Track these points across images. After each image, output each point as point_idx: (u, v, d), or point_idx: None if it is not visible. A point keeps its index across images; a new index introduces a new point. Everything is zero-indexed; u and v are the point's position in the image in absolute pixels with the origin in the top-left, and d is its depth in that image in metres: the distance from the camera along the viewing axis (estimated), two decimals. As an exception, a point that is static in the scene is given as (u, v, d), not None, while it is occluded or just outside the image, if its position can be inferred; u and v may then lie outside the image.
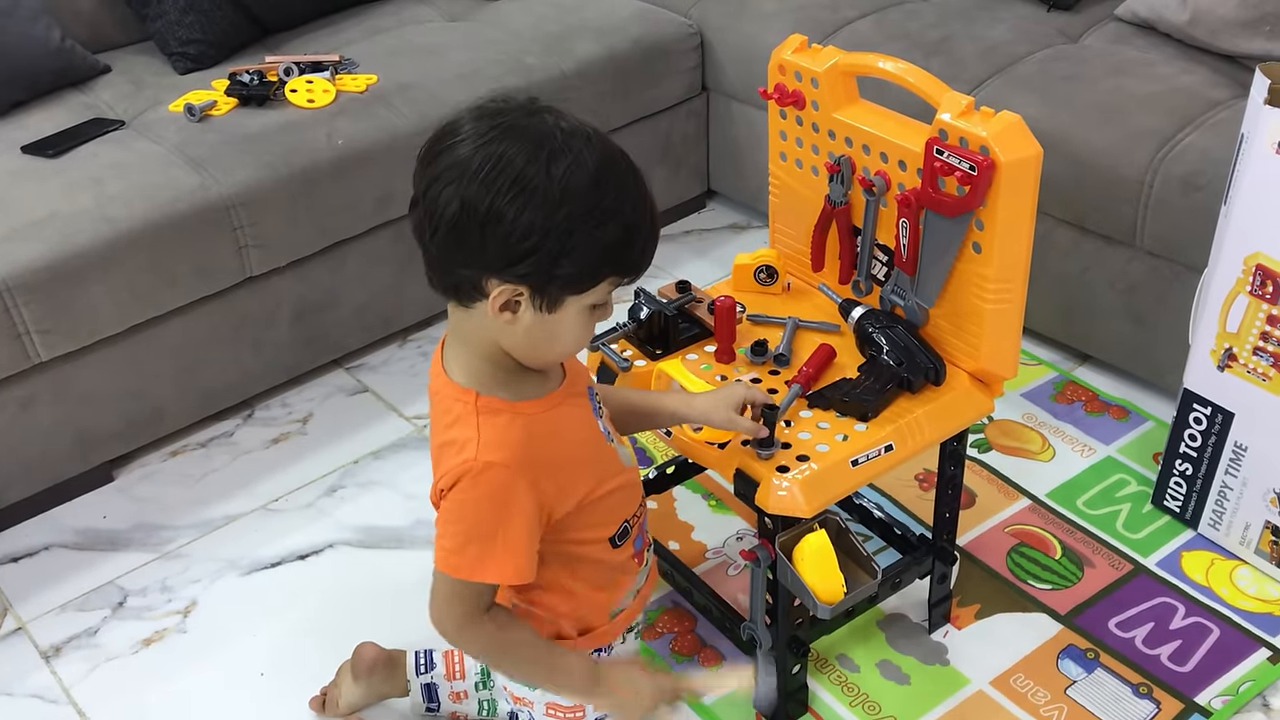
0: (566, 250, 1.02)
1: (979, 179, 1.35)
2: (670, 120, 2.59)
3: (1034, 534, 1.87)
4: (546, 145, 1.00)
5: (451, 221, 1.02)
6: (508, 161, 0.99)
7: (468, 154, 1.01)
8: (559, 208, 1.00)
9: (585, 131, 1.03)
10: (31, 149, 2.04)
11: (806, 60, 1.53)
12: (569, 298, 1.06)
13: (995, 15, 2.38)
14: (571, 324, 1.09)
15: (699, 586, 1.68)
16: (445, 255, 1.05)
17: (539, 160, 0.99)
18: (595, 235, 1.02)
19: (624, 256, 1.06)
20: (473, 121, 1.03)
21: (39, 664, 1.75)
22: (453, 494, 1.12)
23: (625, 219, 1.04)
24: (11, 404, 1.88)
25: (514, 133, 1.01)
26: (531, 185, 0.99)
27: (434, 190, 1.02)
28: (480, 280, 1.05)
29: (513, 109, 1.04)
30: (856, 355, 1.54)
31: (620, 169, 1.04)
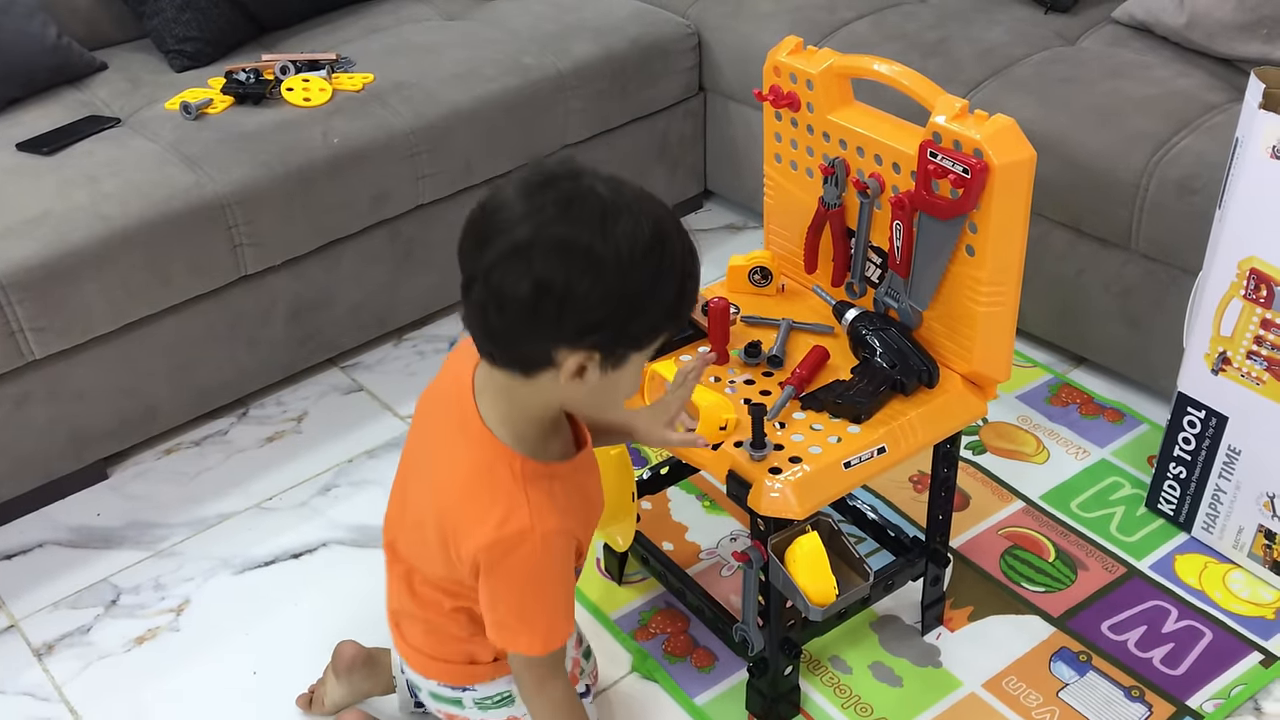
0: (636, 314, 1.05)
1: (972, 182, 1.35)
2: (668, 120, 2.59)
3: (1027, 536, 1.87)
4: (606, 217, 1.01)
5: (523, 303, 1.02)
6: (573, 240, 1.00)
7: (529, 235, 1.00)
8: (629, 276, 1.02)
9: (632, 192, 1.05)
10: (26, 146, 2.03)
11: (801, 62, 1.53)
12: (633, 354, 1.10)
13: (992, 17, 2.38)
14: (632, 377, 1.13)
15: (692, 588, 1.68)
16: (513, 335, 1.06)
17: (601, 233, 1.01)
18: (661, 294, 1.06)
19: (681, 312, 1.10)
20: (522, 200, 1.02)
21: (31, 662, 1.75)
22: (514, 563, 1.16)
23: (683, 279, 1.07)
24: (5, 402, 1.88)
25: (570, 208, 1.01)
26: (599, 259, 1.01)
27: (497, 275, 1.02)
28: (550, 352, 1.06)
29: (558, 178, 1.04)
30: (850, 357, 1.54)
31: (670, 224, 1.06)
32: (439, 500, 1.21)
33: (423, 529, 1.24)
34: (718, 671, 1.67)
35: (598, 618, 1.77)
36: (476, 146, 2.26)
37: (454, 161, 2.24)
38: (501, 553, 1.15)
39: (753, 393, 1.50)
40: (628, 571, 1.83)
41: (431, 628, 1.33)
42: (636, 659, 1.70)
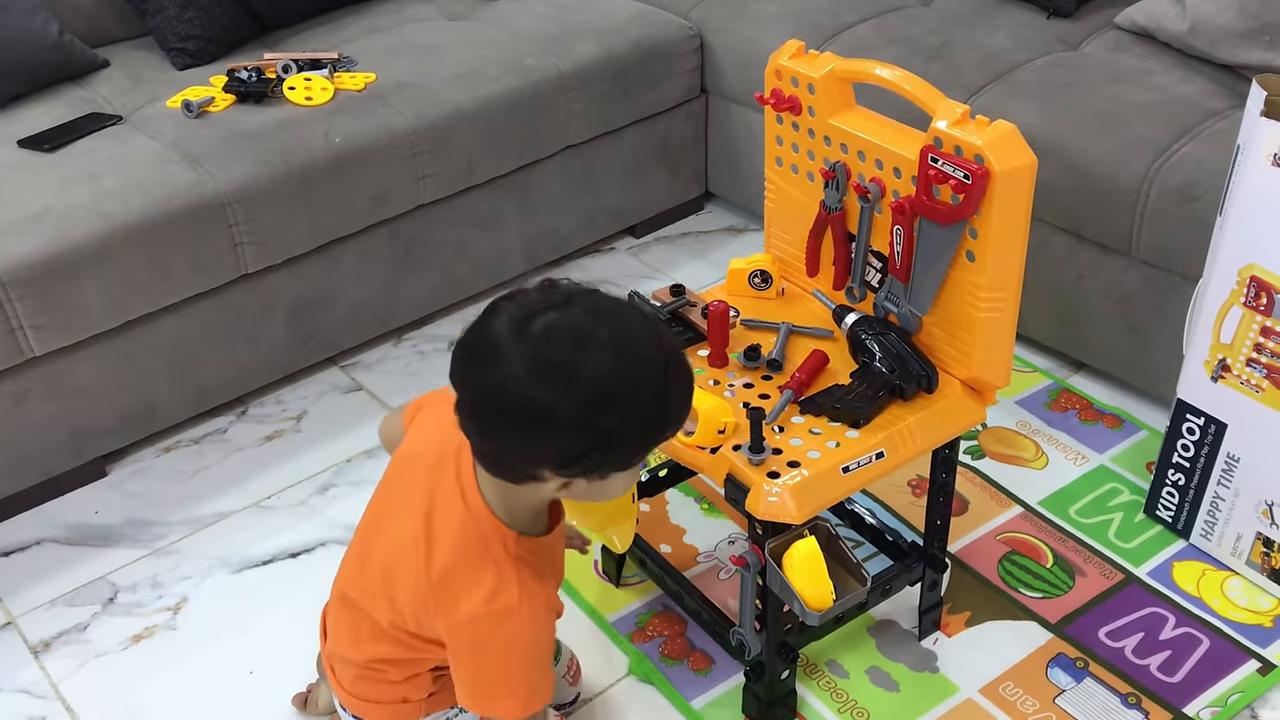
0: (614, 446, 1.09)
1: (973, 188, 1.35)
2: (669, 122, 2.59)
3: (1026, 542, 1.87)
4: (583, 357, 1.04)
5: (500, 428, 1.09)
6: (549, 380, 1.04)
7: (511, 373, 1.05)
8: (603, 413, 1.05)
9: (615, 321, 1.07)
10: (28, 143, 2.03)
11: (803, 66, 1.53)
12: (619, 473, 1.14)
13: (995, 22, 2.37)
14: (625, 480, 1.17)
15: (689, 590, 1.68)
16: (497, 450, 1.12)
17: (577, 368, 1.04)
18: (635, 430, 1.09)
19: (661, 434, 1.13)
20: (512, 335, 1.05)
21: (28, 659, 1.75)
22: (501, 638, 1.19)
23: (660, 406, 1.10)
24: (4, 398, 1.88)
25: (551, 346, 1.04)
26: (576, 395, 1.04)
27: (481, 408, 1.09)
28: (538, 473, 1.12)
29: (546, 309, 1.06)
30: (849, 361, 1.54)
31: (650, 362, 1.08)
32: (435, 562, 1.21)
33: (389, 582, 1.26)
34: (715, 675, 1.67)
35: (595, 620, 1.77)
36: (478, 147, 2.26)
37: (455, 162, 2.24)
38: (489, 626, 1.19)
39: (751, 396, 1.50)
40: (625, 573, 1.83)
41: (366, 673, 1.35)
42: (633, 661, 1.70)
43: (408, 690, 1.35)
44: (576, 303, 1.08)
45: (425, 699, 1.37)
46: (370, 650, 1.32)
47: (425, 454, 1.26)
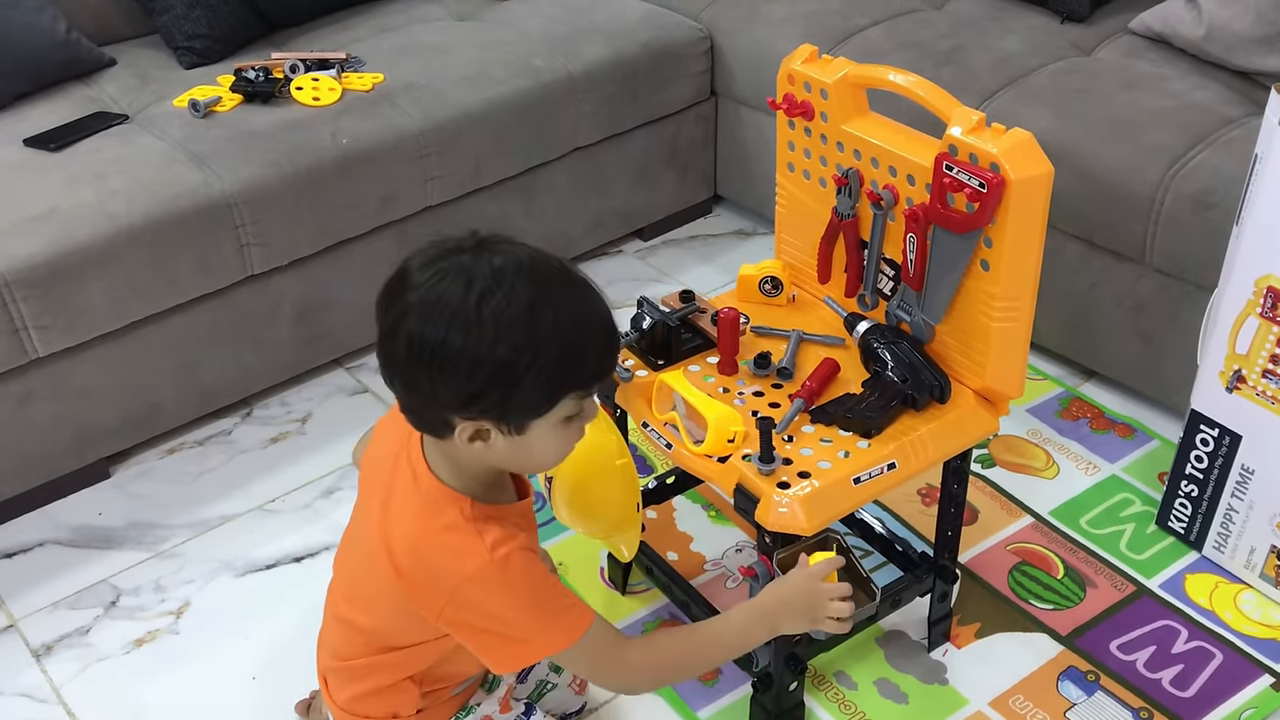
0: (514, 383, 1.06)
1: (988, 196, 1.33)
2: (678, 124, 2.58)
3: (1036, 552, 1.85)
4: (476, 284, 1.04)
5: (404, 369, 1.08)
6: (443, 306, 1.04)
7: (410, 300, 1.05)
8: (496, 345, 1.04)
9: (520, 261, 1.06)
10: (33, 142, 2.02)
11: (816, 71, 1.52)
12: (533, 421, 1.10)
13: (1007, 26, 2.36)
14: (546, 440, 1.13)
15: (696, 600, 1.66)
16: (408, 399, 1.11)
17: (470, 302, 1.03)
18: (538, 365, 1.06)
19: (574, 378, 1.10)
20: (418, 266, 1.07)
21: (29, 662, 1.74)
22: (482, 594, 1.15)
23: (567, 343, 1.07)
24: (9, 399, 1.87)
25: (449, 276, 1.05)
26: (465, 327, 1.03)
27: (388, 339, 1.08)
28: (446, 418, 1.10)
29: (452, 247, 1.08)
30: (861, 370, 1.52)
31: (554, 295, 1.07)
32: (395, 547, 1.19)
33: (375, 580, 1.23)
34: (721, 685, 1.66)
35: (601, 628, 1.75)
36: (486, 149, 2.24)
37: (463, 164, 2.22)
38: (475, 593, 1.15)
39: (761, 404, 1.49)
40: (631, 581, 1.81)
41: (354, 677, 1.32)
42: None
43: (396, 703, 1.33)
44: (489, 246, 1.07)
45: (416, 715, 1.34)
46: (357, 657, 1.30)
47: (385, 455, 1.24)
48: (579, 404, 1.13)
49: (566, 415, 1.12)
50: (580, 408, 1.14)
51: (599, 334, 1.11)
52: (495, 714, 1.40)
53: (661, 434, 1.47)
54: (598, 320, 1.11)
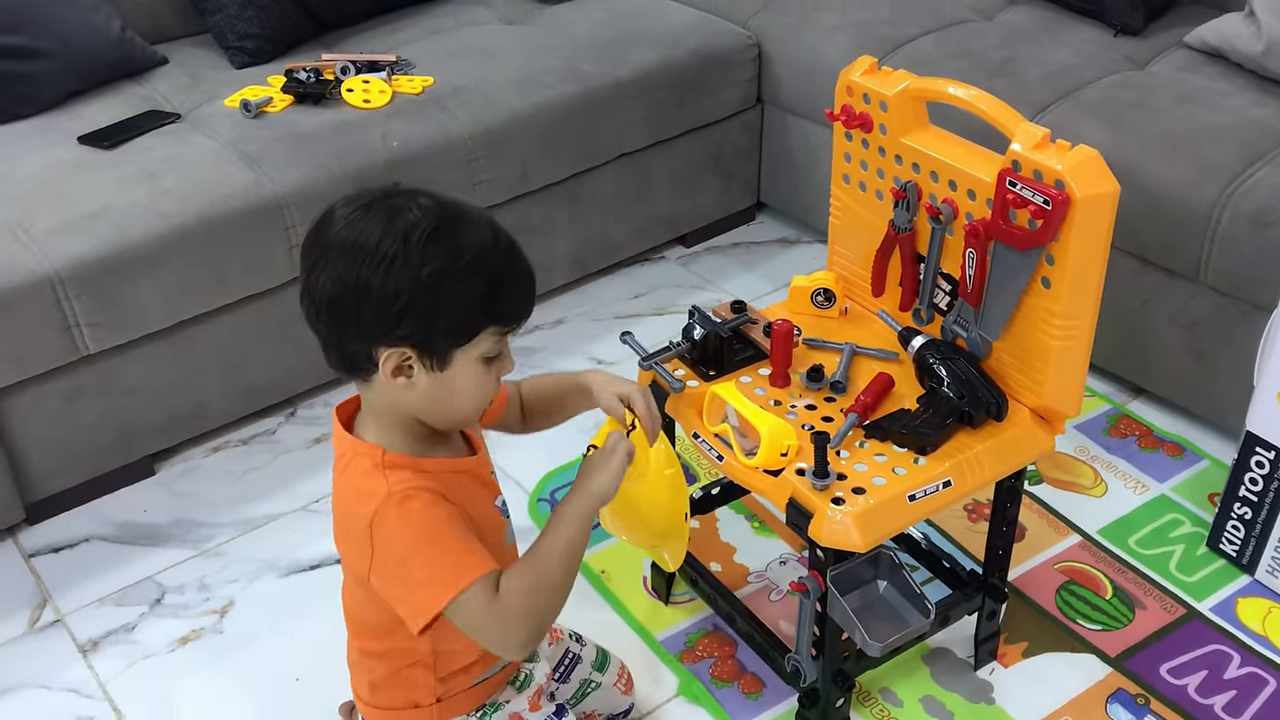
0: (437, 305, 1.08)
1: (1052, 213, 1.31)
2: (724, 131, 2.57)
3: (1084, 572, 1.83)
4: (400, 217, 1.08)
5: (329, 301, 1.09)
6: (367, 236, 1.07)
7: (334, 237, 1.09)
8: (420, 268, 1.06)
9: (439, 201, 1.11)
10: (87, 140, 2.04)
11: (876, 83, 1.50)
12: (455, 352, 1.12)
13: (1060, 38, 2.33)
14: (468, 378, 1.14)
15: (741, 612, 1.65)
16: (332, 334, 1.12)
17: (394, 231, 1.07)
18: (461, 288, 1.08)
19: (496, 307, 1.12)
20: (341, 208, 1.10)
21: (76, 658, 1.75)
22: (384, 535, 1.13)
23: (489, 271, 1.10)
24: (58, 395, 1.88)
25: (371, 211, 1.09)
26: (390, 253, 1.06)
27: (312, 276, 1.10)
28: (370, 351, 1.10)
29: (374, 193, 1.11)
30: (915, 386, 1.51)
31: (475, 227, 1.11)
32: (333, 516, 1.21)
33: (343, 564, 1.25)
34: (766, 699, 1.65)
35: (644, 637, 1.74)
36: (533, 153, 2.24)
37: (510, 168, 2.22)
38: (372, 523, 1.12)
39: (814, 418, 1.48)
40: (675, 591, 1.80)
41: (366, 667, 1.31)
42: (683, 682, 1.68)
43: (412, 693, 1.30)
44: (413, 193, 1.11)
45: (435, 705, 1.31)
46: (364, 645, 1.30)
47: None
48: (499, 344, 1.14)
49: (487, 354, 1.13)
50: (500, 349, 1.15)
51: (517, 269, 1.13)
52: (524, 712, 1.38)
53: (713, 445, 1.47)
54: (515, 255, 1.13)
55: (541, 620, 1.16)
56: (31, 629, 1.80)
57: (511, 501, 1.98)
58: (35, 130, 2.08)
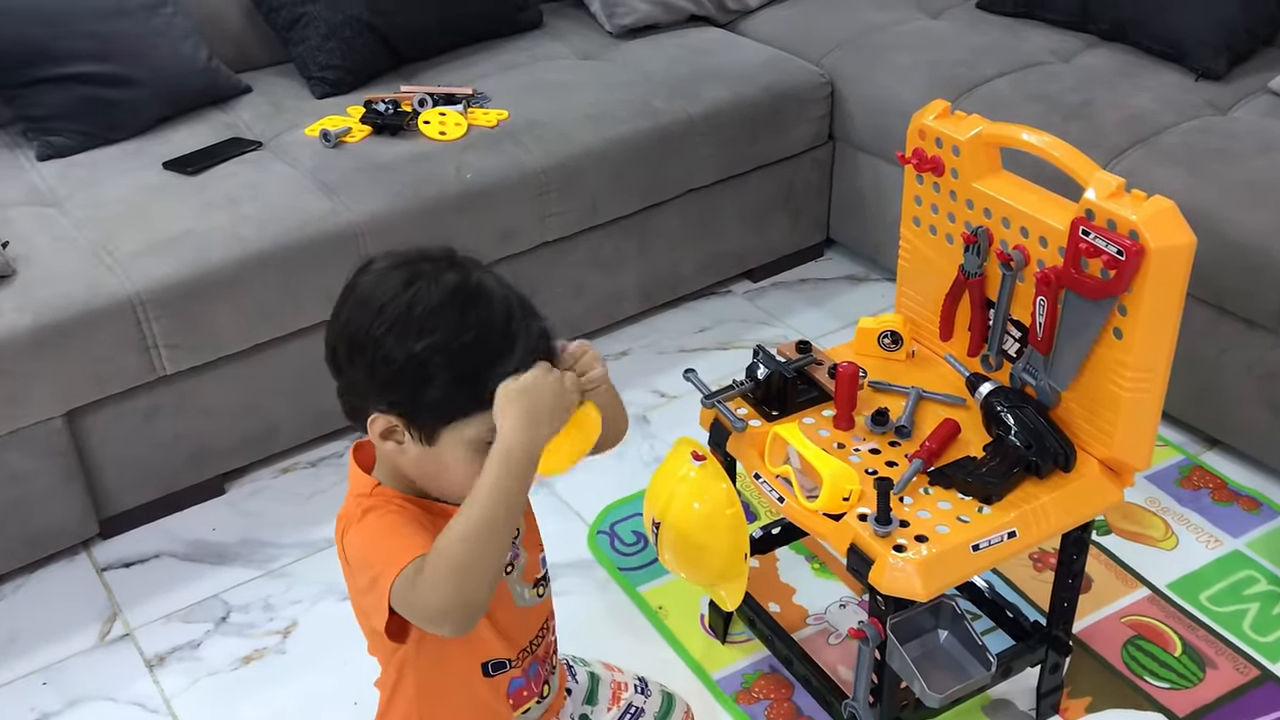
0: (426, 380, 1.03)
1: (1126, 264, 1.30)
2: (794, 168, 2.57)
3: (1152, 627, 1.79)
4: (416, 284, 1.05)
5: (331, 347, 1.09)
6: (379, 295, 1.05)
7: (358, 285, 1.08)
8: (416, 340, 1.03)
9: (467, 274, 1.07)
10: (172, 165, 2.09)
11: (949, 127, 1.50)
12: (443, 430, 1.06)
13: (1139, 82, 2.30)
14: (457, 460, 1.08)
15: (799, 656, 1.64)
16: (339, 382, 1.11)
17: (404, 297, 1.04)
18: (455, 366, 1.04)
19: (482, 389, 1.04)
20: (380, 259, 1.10)
21: (143, 672, 1.78)
22: (350, 551, 1.12)
23: (487, 355, 1.04)
24: (135, 414, 1.93)
25: (397, 271, 1.07)
26: (392, 318, 1.03)
27: (332, 317, 1.10)
28: (364, 407, 1.08)
29: (414, 253, 1.10)
30: (982, 433, 1.49)
31: (488, 308, 1.05)
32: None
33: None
34: (822, 744, 1.63)
35: (700, 676, 1.74)
36: (604, 187, 2.26)
37: (581, 201, 2.24)
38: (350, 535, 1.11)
39: (878, 463, 1.47)
40: (733, 631, 1.80)
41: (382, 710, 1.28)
42: None
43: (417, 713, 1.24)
44: (454, 262, 1.09)
45: None
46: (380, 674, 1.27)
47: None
48: (492, 431, 1.06)
49: (481, 438, 1.06)
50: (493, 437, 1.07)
51: (520, 362, 1.05)
52: None
53: (774, 486, 1.46)
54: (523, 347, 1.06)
55: (467, 576, 1.03)
56: (101, 642, 1.84)
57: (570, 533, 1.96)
58: (124, 155, 2.15)
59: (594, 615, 1.84)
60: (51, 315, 1.78)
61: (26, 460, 1.85)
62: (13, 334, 1.75)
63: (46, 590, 1.93)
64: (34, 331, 1.77)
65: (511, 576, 1.20)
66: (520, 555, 1.22)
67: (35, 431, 1.84)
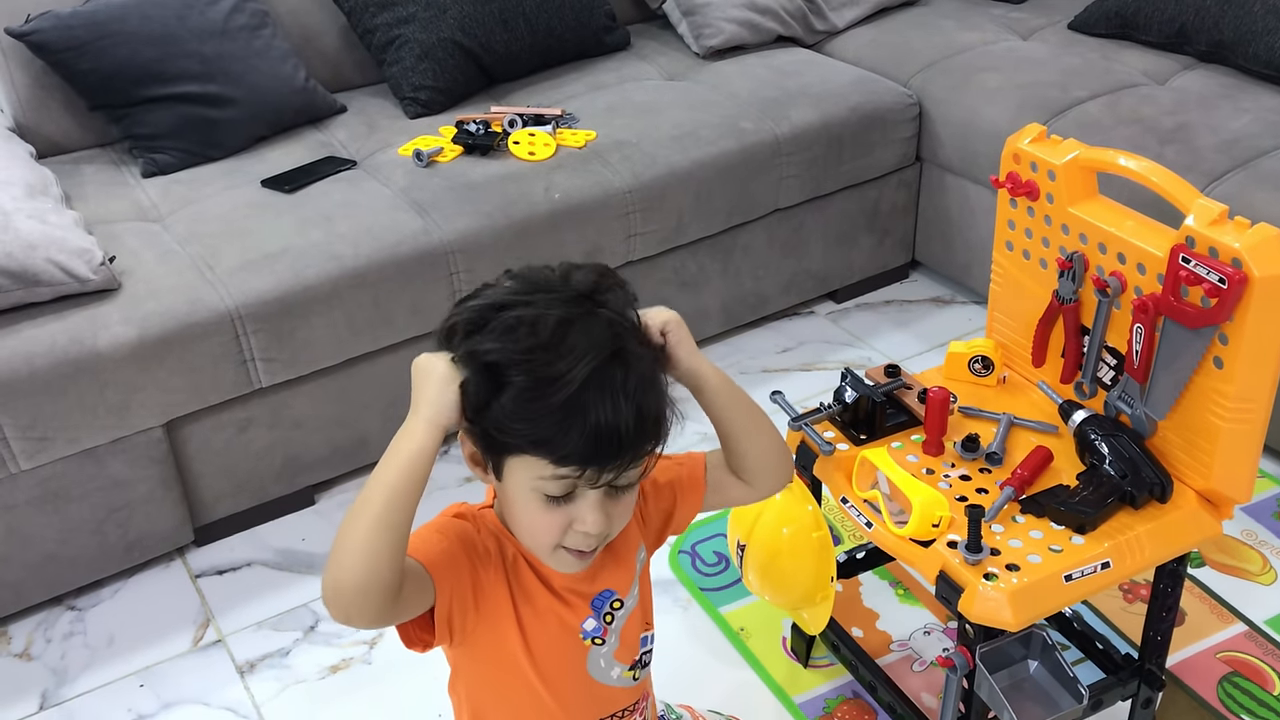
0: (485, 399, 0.95)
1: (1228, 292, 1.27)
2: (880, 189, 2.56)
3: (1249, 664, 1.74)
4: (529, 296, 0.97)
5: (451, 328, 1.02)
6: (486, 298, 0.99)
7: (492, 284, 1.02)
8: (485, 352, 0.95)
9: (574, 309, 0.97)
10: (270, 183, 2.15)
11: (1044, 152, 1.48)
12: (508, 459, 0.99)
13: (1238, 105, 2.26)
14: (523, 505, 1.01)
15: (882, 681, 1.62)
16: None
17: (507, 302, 0.97)
18: (510, 392, 0.95)
19: (543, 433, 0.95)
20: (522, 269, 1.04)
21: (234, 678, 1.83)
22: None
23: (550, 394, 0.94)
24: (231, 425, 1.98)
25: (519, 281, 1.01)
26: (478, 323, 0.97)
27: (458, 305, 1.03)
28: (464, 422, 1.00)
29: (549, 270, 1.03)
30: (1074, 461, 1.47)
31: (574, 356, 0.94)
32: None
33: None
34: (904, 772, 1.61)
35: (781, 699, 1.73)
36: (689, 207, 2.27)
37: (666, 221, 2.26)
38: None
39: (968, 489, 1.45)
40: (815, 654, 1.79)
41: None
42: None
43: None
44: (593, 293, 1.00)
45: None
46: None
47: None
48: (564, 485, 0.98)
49: (545, 490, 0.98)
50: (567, 491, 0.99)
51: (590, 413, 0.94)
52: None
53: (862, 511, 1.46)
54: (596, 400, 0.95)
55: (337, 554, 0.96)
56: (195, 647, 1.89)
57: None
58: (223, 173, 2.21)
59: (676, 636, 1.85)
60: (155, 329, 1.84)
61: (128, 469, 1.91)
62: (119, 346, 1.81)
63: (143, 595, 1.98)
64: (138, 344, 1.82)
65: (601, 650, 1.13)
66: (613, 638, 1.14)
67: (136, 441, 1.90)
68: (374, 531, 0.96)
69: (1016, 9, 2.81)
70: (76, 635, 1.91)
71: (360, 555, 0.95)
